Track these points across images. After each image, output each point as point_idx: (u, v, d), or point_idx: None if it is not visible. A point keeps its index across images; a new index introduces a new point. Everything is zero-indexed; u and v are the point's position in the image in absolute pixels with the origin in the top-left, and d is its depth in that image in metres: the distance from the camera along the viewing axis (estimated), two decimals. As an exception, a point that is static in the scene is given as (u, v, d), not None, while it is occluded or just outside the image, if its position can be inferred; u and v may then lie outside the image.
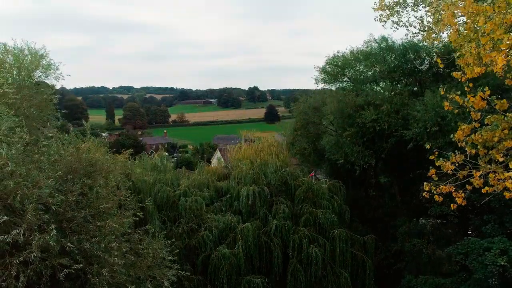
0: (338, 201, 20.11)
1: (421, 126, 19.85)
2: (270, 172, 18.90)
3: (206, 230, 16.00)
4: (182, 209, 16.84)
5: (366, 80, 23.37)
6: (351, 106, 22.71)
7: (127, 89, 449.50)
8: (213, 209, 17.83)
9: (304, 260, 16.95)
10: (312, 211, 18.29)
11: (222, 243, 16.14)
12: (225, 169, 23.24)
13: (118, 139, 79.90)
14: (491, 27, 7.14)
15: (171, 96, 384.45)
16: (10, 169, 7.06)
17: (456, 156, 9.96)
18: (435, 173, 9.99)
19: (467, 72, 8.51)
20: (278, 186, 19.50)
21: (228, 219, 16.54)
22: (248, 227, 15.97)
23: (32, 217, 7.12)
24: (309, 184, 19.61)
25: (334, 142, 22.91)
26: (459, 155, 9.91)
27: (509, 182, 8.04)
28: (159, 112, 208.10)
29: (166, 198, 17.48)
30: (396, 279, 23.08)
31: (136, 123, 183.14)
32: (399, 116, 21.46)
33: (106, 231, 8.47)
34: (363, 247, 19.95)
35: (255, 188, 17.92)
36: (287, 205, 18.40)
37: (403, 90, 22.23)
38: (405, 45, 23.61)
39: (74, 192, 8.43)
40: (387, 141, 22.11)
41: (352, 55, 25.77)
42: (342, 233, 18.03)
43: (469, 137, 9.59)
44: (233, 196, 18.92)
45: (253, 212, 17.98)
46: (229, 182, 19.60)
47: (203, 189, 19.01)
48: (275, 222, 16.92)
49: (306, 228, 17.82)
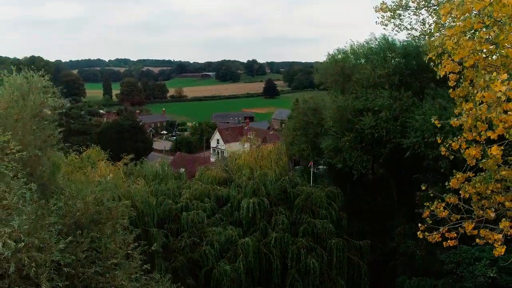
0: (336, 208, 20.68)
1: (418, 135, 20.09)
2: (269, 183, 19.30)
3: (208, 245, 16.57)
4: (184, 223, 17.36)
5: (368, 85, 23.34)
6: (350, 111, 22.84)
7: (123, 62, 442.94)
8: (214, 221, 18.36)
9: (302, 270, 17.67)
10: (310, 221, 18.86)
11: (224, 257, 16.77)
12: (225, 172, 23.60)
13: (117, 121, 79.80)
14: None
15: (168, 69, 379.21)
16: (24, 243, 7.38)
17: (451, 198, 10.38)
18: (428, 214, 10.45)
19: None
20: (277, 195, 19.97)
21: (229, 233, 17.09)
22: (248, 242, 16.55)
23: (46, 286, 7.53)
24: (308, 193, 20.07)
25: (333, 147, 23.20)
26: (453, 197, 10.32)
27: (497, 244, 8.45)
28: (156, 87, 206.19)
29: (169, 211, 17.98)
30: (391, 278, 24.06)
31: (134, 99, 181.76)
32: (397, 123, 21.64)
33: (115, 283, 8.93)
34: (359, 251, 20.72)
35: (255, 200, 18.38)
36: (286, 215, 18.94)
37: (403, 95, 22.26)
38: (406, 46, 23.47)
39: (83, 248, 8.80)
40: (385, 146, 22.40)
41: (352, 51, 25.62)
42: (339, 242, 18.69)
43: (464, 185, 9.94)
44: (233, 206, 19.42)
45: (253, 223, 18.53)
46: (230, 190, 20.01)
47: (204, 199, 19.46)
48: (275, 235, 17.51)
49: (304, 237, 18.46)
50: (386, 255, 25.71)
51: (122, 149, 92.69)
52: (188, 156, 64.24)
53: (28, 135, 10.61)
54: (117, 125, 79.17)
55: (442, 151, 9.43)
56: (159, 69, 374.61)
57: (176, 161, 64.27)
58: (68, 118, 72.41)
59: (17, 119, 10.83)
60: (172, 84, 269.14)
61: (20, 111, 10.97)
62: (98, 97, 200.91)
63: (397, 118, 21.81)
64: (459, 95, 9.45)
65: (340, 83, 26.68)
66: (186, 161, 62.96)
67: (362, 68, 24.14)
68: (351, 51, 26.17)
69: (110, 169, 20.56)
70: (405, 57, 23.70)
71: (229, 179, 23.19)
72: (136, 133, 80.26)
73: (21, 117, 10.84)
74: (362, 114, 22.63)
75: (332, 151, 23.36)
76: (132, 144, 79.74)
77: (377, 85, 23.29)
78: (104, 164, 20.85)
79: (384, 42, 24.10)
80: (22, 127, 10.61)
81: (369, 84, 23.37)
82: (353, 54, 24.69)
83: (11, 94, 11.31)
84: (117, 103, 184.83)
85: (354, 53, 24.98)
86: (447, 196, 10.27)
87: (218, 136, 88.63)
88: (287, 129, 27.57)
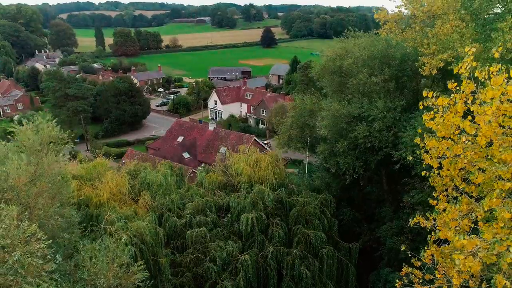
0: (328, 215, 22.35)
1: (409, 149, 21.12)
2: (266, 197, 20.69)
3: (211, 262, 18.35)
4: (189, 240, 19.00)
5: (363, 92, 23.81)
6: (345, 117, 23.55)
7: (114, 6, 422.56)
8: (216, 233, 20.01)
9: (296, 277, 19.70)
10: (304, 232, 20.57)
11: (226, 270, 18.65)
12: (225, 175, 24.88)
13: (113, 83, 79.16)
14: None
15: (162, 13, 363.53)
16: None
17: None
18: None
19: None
20: (274, 205, 21.47)
21: (230, 249, 18.80)
22: (247, 260, 18.33)
23: None
24: (302, 204, 21.58)
25: (328, 152, 24.28)
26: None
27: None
28: (150, 37, 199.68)
29: (174, 227, 19.54)
30: (377, 268, 26.53)
31: (127, 50, 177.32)
32: (390, 134, 22.53)
33: None
34: (348, 252, 22.74)
35: (253, 215, 19.89)
36: (282, 227, 20.62)
37: (397, 105, 22.86)
38: (404, 54, 23.58)
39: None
40: (378, 153, 23.48)
41: (352, 56, 25.46)
42: (329, 251, 20.56)
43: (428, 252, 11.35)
44: (233, 217, 21.00)
45: (252, 235, 20.20)
46: (230, 201, 21.41)
47: (206, 211, 20.95)
48: (271, 249, 19.27)
49: (299, 246, 20.29)
50: (374, 241, 28.00)
51: (121, 113, 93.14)
52: (186, 123, 64.98)
53: (50, 219, 11.67)
54: (113, 88, 78.73)
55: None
56: (152, 14, 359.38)
57: (174, 128, 65.17)
58: (64, 82, 71.83)
59: (37, 193, 11.82)
60: (167, 31, 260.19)
61: (40, 186, 11.92)
62: (91, 47, 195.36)
63: (390, 129, 22.66)
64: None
65: (337, 83, 27.05)
66: (184, 129, 63.87)
67: (359, 71, 24.37)
68: (351, 55, 25.36)
69: (117, 182, 21.76)
70: (402, 63, 23.89)
71: (228, 183, 24.60)
72: (133, 96, 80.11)
73: (41, 192, 11.83)
74: (357, 120, 23.41)
75: (327, 156, 24.50)
76: (131, 108, 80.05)
77: (372, 92, 23.74)
78: (111, 175, 21.95)
79: (385, 47, 23.96)
80: (43, 203, 11.62)
81: (365, 91, 23.83)
82: (352, 58, 24.63)
83: (29, 166, 12.16)
84: (110, 55, 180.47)
85: (353, 56, 24.82)
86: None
87: (216, 97, 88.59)
88: (284, 126, 28.39)
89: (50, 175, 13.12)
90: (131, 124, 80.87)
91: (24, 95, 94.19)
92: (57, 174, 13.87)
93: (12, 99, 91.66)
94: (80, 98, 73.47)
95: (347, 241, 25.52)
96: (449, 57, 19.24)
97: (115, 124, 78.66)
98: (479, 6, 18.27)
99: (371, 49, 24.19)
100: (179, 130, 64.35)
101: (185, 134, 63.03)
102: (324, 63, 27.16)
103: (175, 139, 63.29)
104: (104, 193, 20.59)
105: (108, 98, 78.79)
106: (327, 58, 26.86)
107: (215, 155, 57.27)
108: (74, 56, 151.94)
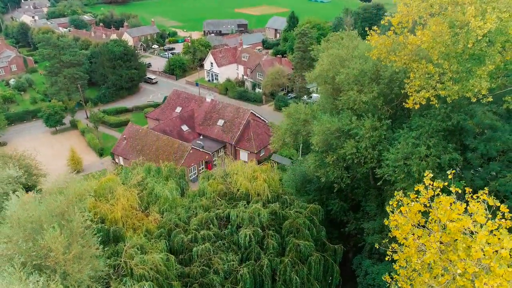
0: (316, 223, 25.29)
1: (390, 169, 23.44)
2: (262, 216, 23.43)
3: (215, 274, 21.51)
4: (195, 254, 22.00)
5: (353, 108, 25.44)
6: (335, 133, 25.45)
7: None
8: (219, 246, 22.99)
9: (287, 280, 23.10)
10: (295, 242, 23.60)
11: (227, 279, 21.89)
12: (224, 183, 27.36)
13: (108, 47, 78.02)
14: None
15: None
16: None
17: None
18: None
19: None
20: (269, 218, 24.27)
21: (231, 263, 21.88)
22: (246, 273, 21.48)
23: None
24: (294, 217, 24.40)
25: (318, 163, 26.54)
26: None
27: None
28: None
29: (182, 243, 22.44)
30: (361, 250, 30.16)
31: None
32: (375, 152, 24.62)
33: None
34: (333, 252, 26.04)
35: (251, 231, 22.74)
36: (276, 239, 23.60)
37: (383, 123, 24.63)
38: (392, 73, 24.80)
39: None
40: (363, 166, 25.79)
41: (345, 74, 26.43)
42: (316, 258, 23.76)
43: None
44: (233, 228, 23.89)
45: (249, 246, 23.21)
46: (230, 214, 24.14)
47: (209, 225, 23.75)
48: (266, 261, 22.38)
49: (290, 254, 23.46)
50: (359, 231, 31.35)
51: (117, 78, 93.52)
52: (183, 93, 65.81)
53: (84, 278, 14.24)
54: (108, 52, 77.94)
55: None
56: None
57: (172, 98, 66.20)
58: (58, 49, 71.02)
59: (73, 259, 14.29)
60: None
61: (74, 252, 14.36)
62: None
63: (375, 147, 24.70)
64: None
65: (330, 92, 28.46)
66: (182, 100, 64.97)
67: (350, 88, 25.75)
68: (346, 68, 26.28)
69: (128, 197, 24.24)
70: (391, 82, 25.20)
71: (228, 191, 27.17)
72: (129, 60, 79.56)
73: (75, 258, 14.29)
74: (346, 135, 25.34)
75: (317, 166, 26.79)
76: (127, 72, 79.98)
77: (361, 108, 25.33)
78: (122, 191, 24.37)
79: (375, 63, 25.10)
80: (79, 268, 14.11)
81: (354, 107, 25.44)
82: (343, 74, 25.82)
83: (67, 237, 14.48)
84: (100, 2, 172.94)
85: (344, 72, 25.97)
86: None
87: (212, 59, 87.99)
88: (278, 130, 30.22)
89: (79, 234, 15.54)
90: (128, 89, 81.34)
91: (18, 56, 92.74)
92: (84, 227, 16.27)
93: (5, 60, 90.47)
94: (76, 65, 73.11)
95: (335, 228, 28.84)
96: (431, 96, 20.78)
97: (112, 89, 79.13)
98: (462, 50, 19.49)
99: (362, 66, 25.37)
100: (176, 101, 65.50)
101: (183, 105, 64.30)
102: (318, 72, 28.30)
103: (173, 110, 64.73)
104: (118, 211, 23.18)
105: (104, 62, 78.33)
106: (321, 68, 27.97)
107: (213, 127, 59.39)
108: (62, 5, 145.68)
